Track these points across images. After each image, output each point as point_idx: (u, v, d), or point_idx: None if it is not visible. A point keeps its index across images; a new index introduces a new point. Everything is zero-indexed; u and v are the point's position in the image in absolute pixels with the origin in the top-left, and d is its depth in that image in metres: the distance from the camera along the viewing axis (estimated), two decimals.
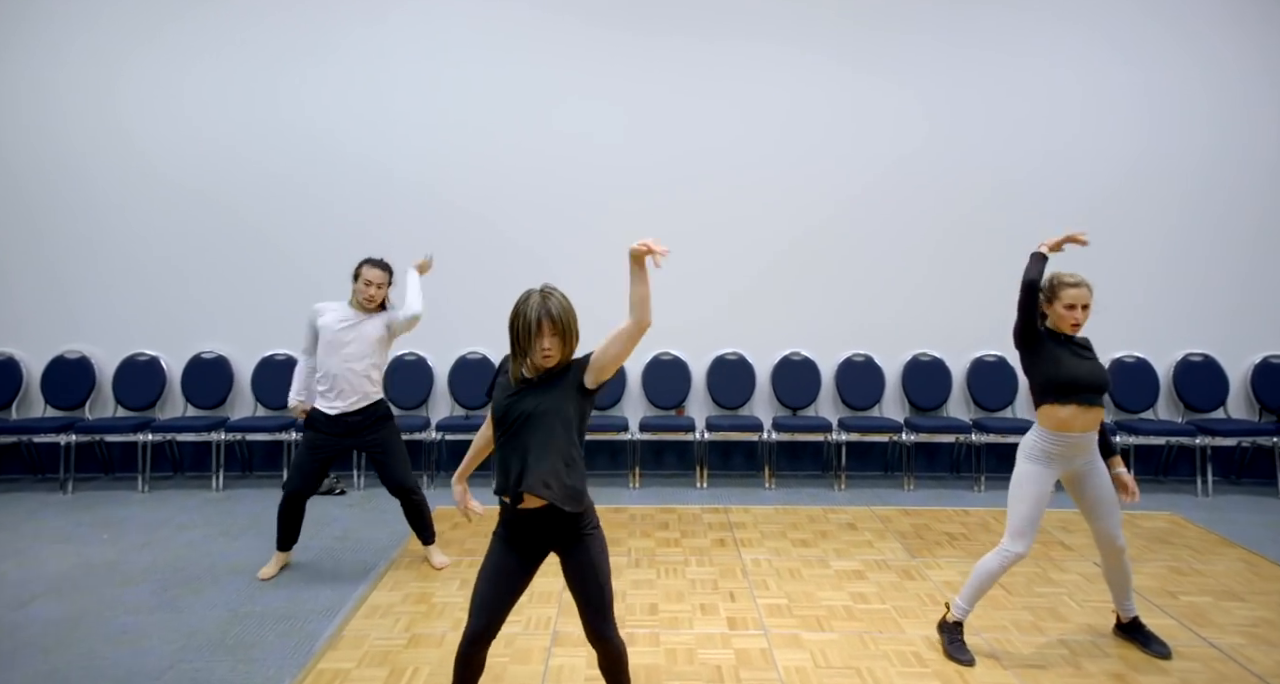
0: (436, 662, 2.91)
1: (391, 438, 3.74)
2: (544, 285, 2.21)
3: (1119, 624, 3.17)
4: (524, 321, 2.15)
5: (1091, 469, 2.93)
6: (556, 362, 2.18)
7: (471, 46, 5.58)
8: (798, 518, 4.74)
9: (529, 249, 5.63)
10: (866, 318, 5.72)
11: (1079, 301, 2.87)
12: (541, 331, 2.14)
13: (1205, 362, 5.60)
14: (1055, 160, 5.65)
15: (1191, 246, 5.63)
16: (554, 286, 2.21)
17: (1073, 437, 2.86)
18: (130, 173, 5.57)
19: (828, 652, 3.04)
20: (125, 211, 5.59)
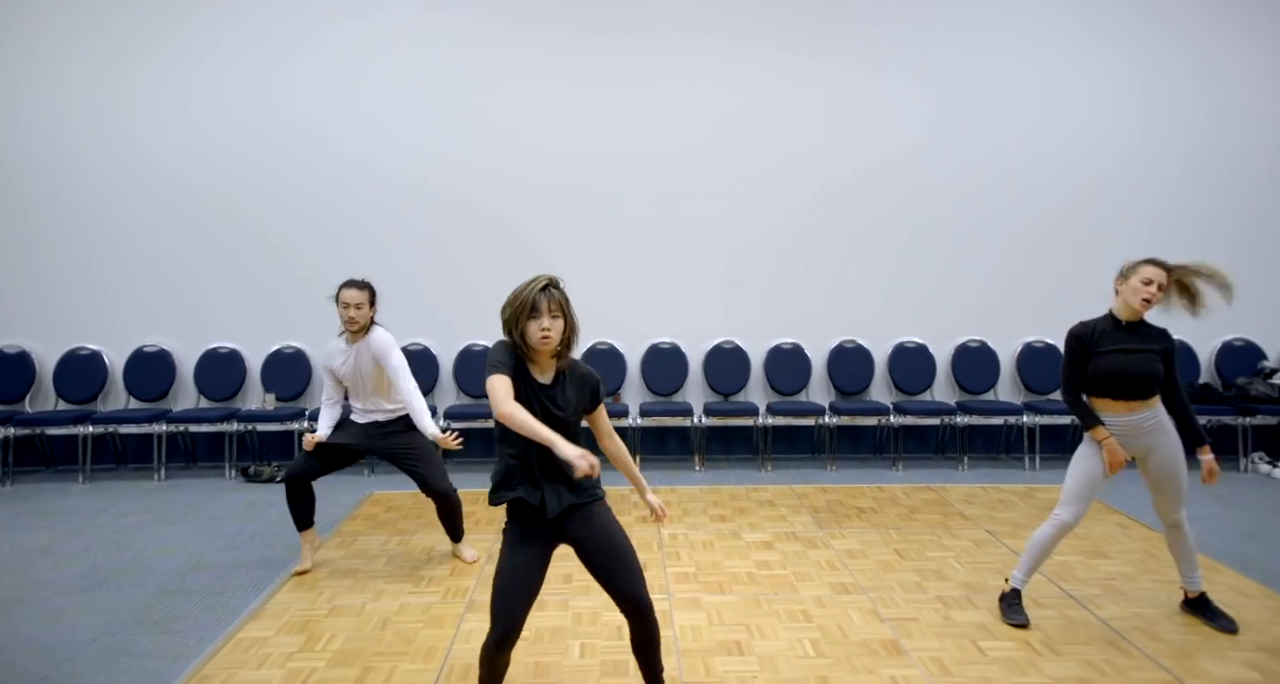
0: (353, 629, 3.09)
1: (422, 442, 3.64)
2: (549, 275, 2.19)
3: (1186, 600, 3.19)
4: (522, 300, 2.12)
5: (1153, 450, 3.00)
6: (554, 347, 2.16)
7: (463, 43, 5.72)
8: (720, 496, 4.98)
9: (528, 240, 5.81)
10: (851, 306, 5.98)
11: (1157, 279, 2.91)
12: (540, 311, 2.12)
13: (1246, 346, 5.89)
14: (1045, 151, 5.90)
15: (1184, 236, 5.88)
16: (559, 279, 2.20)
17: (1119, 418, 2.99)
18: (123, 168, 5.65)
19: (723, 612, 3.28)
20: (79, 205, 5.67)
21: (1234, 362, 5.86)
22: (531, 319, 2.14)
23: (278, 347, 5.77)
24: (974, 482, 5.30)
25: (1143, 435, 3.03)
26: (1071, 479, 3.08)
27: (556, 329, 2.16)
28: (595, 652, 2.92)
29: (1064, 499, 3.09)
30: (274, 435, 5.72)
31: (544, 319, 2.14)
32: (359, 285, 3.55)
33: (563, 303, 2.18)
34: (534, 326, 2.14)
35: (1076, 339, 3.05)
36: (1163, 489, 3.06)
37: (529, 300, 2.13)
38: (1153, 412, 3.02)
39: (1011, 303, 5.95)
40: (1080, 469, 3.06)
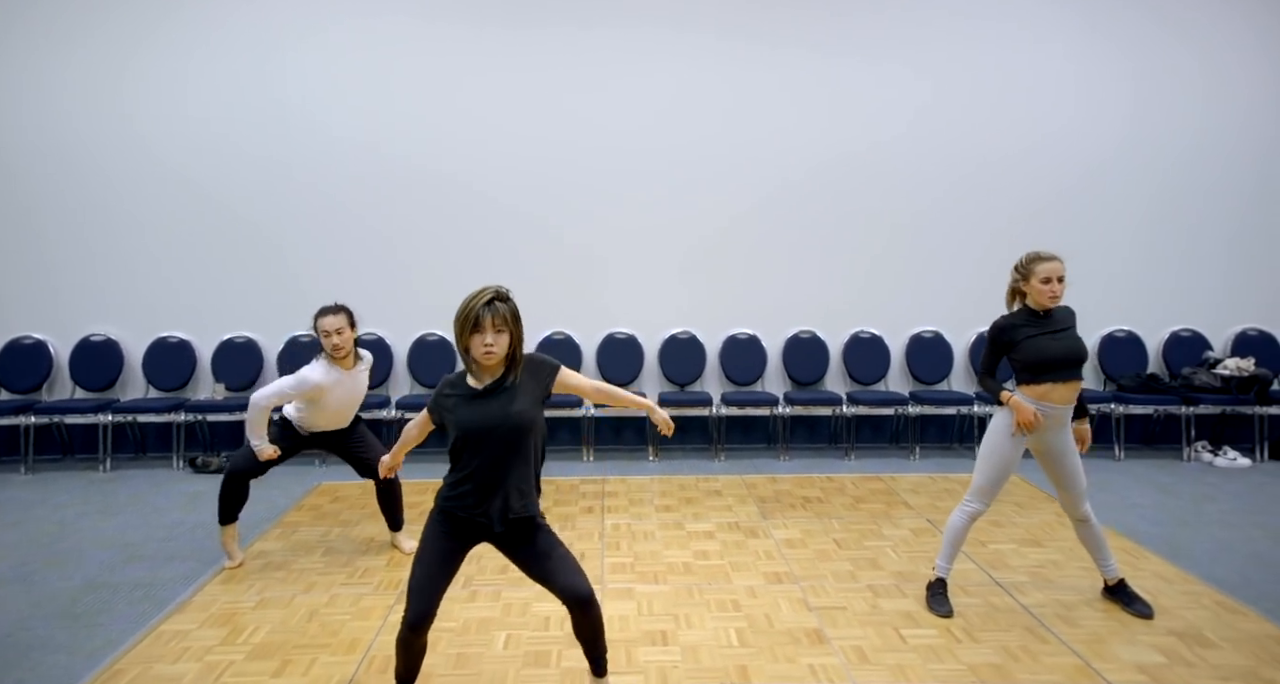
0: (279, 621, 3.08)
1: (366, 431, 3.75)
2: (498, 286, 2.21)
3: (1106, 587, 3.25)
4: (466, 314, 2.14)
5: (1064, 445, 3.06)
6: (497, 361, 2.18)
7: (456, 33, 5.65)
8: (670, 486, 5.00)
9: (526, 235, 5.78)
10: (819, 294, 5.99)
11: (1054, 274, 2.99)
12: (483, 327, 2.13)
13: (1193, 337, 5.93)
14: (1035, 140, 5.88)
15: (1174, 226, 5.92)
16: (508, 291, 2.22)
17: (1050, 408, 3.01)
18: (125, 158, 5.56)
19: (654, 602, 3.30)
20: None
21: (1181, 352, 5.93)
22: (475, 333, 2.16)
23: (229, 336, 5.71)
24: (924, 471, 5.34)
25: (1059, 424, 3.07)
26: (982, 464, 3.15)
27: (500, 344, 2.17)
28: (520, 643, 2.93)
29: (975, 486, 3.16)
30: (224, 426, 5.67)
31: (487, 334, 2.15)
32: (334, 310, 3.44)
33: (508, 317, 2.18)
34: (477, 341, 2.16)
35: (1000, 330, 3.14)
36: (1068, 484, 3.11)
37: (473, 315, 2.15)
38: (1069, 408, 3.08)
39: (966, 294, 5.99)
40: (990, 455, 3.13)
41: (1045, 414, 3.05)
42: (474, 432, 2.22)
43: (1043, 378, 3.03)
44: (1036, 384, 3.05)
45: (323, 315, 3.44)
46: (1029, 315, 3.09)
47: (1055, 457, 3.10)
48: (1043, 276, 3.03)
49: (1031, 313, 3.10)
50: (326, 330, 3.42)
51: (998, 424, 3.15)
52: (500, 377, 2.26)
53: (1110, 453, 5.70)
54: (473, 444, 2.23)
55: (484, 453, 2.23)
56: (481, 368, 2.24)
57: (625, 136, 5.85)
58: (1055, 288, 3.02)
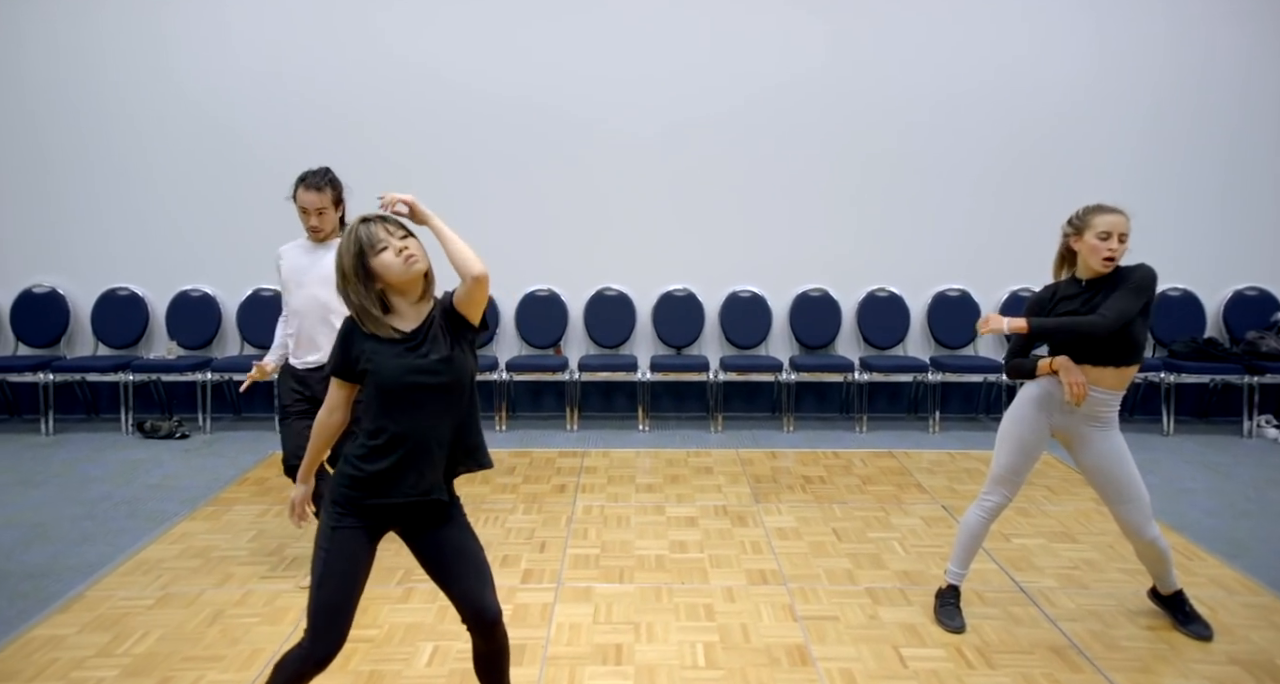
0: (174, 625, 2.66)
1: None
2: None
3: (1156, 593, 2.71)
4: (354, 243, 1.71)
5: (1108, 446, 2.49)
6: (421, 272, 1.74)
7: None
8: (657, 461, 4.51)
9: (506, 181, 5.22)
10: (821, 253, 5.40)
11: (1115, 229, 2.41)
12: (380, 237, 1.71)
13: (1261, 296, 5.28)
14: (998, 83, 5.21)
15: (1235, 168, 5.23)
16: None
17: (1093, 391, 2.45)
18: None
19: (614, 606, 2.83)
20: None
21: (1244, 314, 5.25)
22: (380, 252, 1.72)
23: (184, 289, 5.26)
24: (943, 446, 4.80)
25: (1099, 424, 2.50)
26: (1001, 453, 2.61)
27: (415, 246, 1.75)
28: (447, 658, 2.48)
29: (994, 477, 2.63)
30: (180, 387, 5.26)
31: (393, 242, 1.73)
32: (317, 185, 2.71)
33: (399, 223, 1.78)
34: (388, 256, 1.72)
35: (1032, 306, 2.60)
36: (1115, 497, 2.50)
37: (364, 235, 1.73)
38: (1109, 395, 2.47)
39: (995, 248, 5.34)
40: (1010, 441, 2.59)
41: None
42: (400, 388, 1.73)
43: (1082, 361, 2.46)
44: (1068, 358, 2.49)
45: (303, 190, 2.71)
46: (1074, 285, 2.50)
47: (1094, 460, 2.51)
48: (1100, 231, 2.42)
49: (1077, 282, 2.51)
50: (304, 208, 2.74)
51: (1022, 397, 2.60)
52: (426, 315, 1.78)
53: (1158, 427, 5.08)
54: (399, 404, 1.73)
55: (414, 415, 1.73)
56: (407, 288, 1.76)
57: (615, 68, 5.20)
58: (1113, 247, 2.42)
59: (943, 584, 2.77)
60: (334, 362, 1.79)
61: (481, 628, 1.83)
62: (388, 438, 1.73)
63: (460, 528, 1.86)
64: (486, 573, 1.85)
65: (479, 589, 1.81)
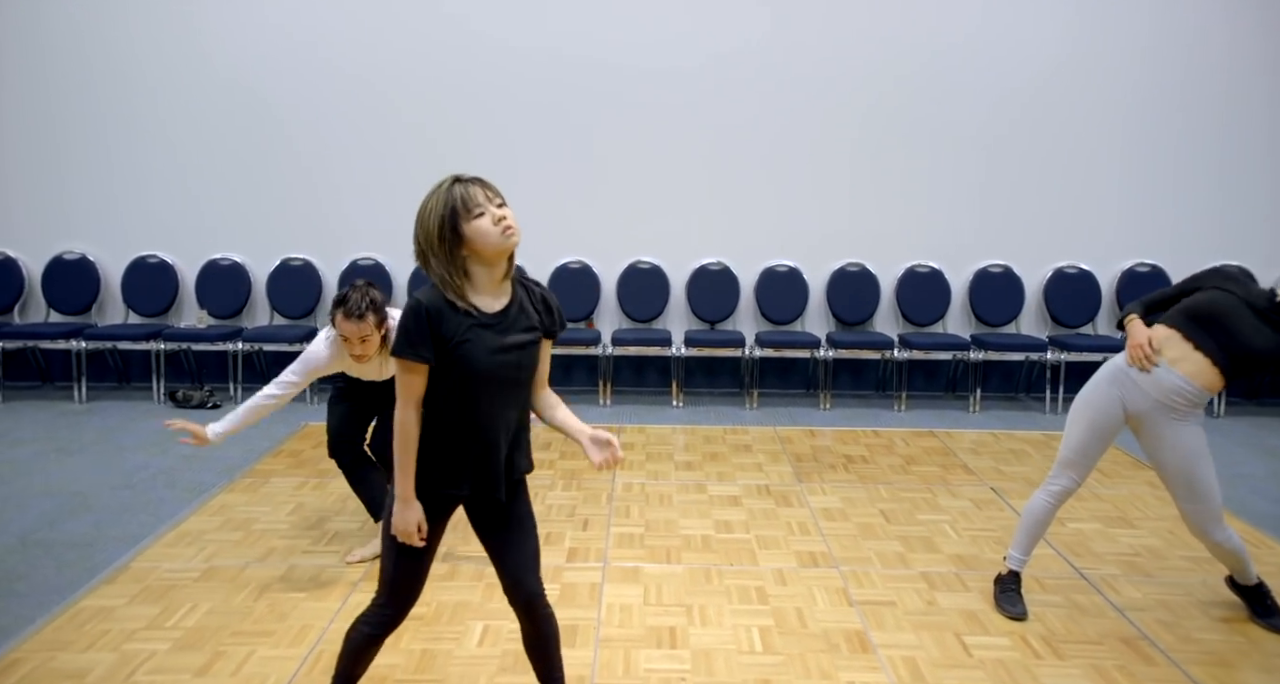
0: (221, 598, 2.62)
1: None
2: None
3: (1233, 581, 2.60)
4: (449, 201, 1.56)
5: (1166, 425, 2.35)
6: (520, 238, 1.61)
7: None
8: (694, 438, 4.44)
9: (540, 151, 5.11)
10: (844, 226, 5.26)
11: None
12: (479, 203, 1.55)
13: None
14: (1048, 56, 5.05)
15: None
16: None
17: (1167, 374, 2.33)
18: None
19: (663, 587, 2.77)
20: None
21: None
22: (477, 217, 1.56)
23: (214, 257, 5.19)
24: (985, 426, 4.70)
25: (1166, 412, 2.35)
26: (1070, 433, 2.50)
27: (512, 216, 1.60)
28: (499, 638, 2.43)
29: (1062, 459, 2.52)
30: (210, 356, 5.22)
31: (491, 208, 1.57)
32: (358, 314, 2.51)
33: (497, 189, 1.63)
34: (485, 223, 1.56)
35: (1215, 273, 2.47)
36: (1178, 494, 2.40)
37: (459, 196, 1.57)
38: (1192, 388, 2.32)
39: (1040, 224, 5.18)
40: (1080, 421, 2.47)
41: (1156, 379, 2.36)
42: (485, 374, 1.61)
43: (1190, 334, 2.33)
44: (1177, 334, 2.35)
45: (343, 318, 2.52)
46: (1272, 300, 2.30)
47: (1165, 452, 2.37)
48: None
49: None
50: (347, 337, 2.55)
51: (1096, 375, 2.49)
52: (512, 297, 1.66)
53: (1208, 408, 4.94)
54: (480, 392, 1.62)
55: (489, 404, 1.64)
56: (493, 264, 1.61)
57: (651, 35, 5.04)
58: None
59: (1002, 570, 2.69)
60: (418, 345, 1.57)
61: (519, 603, 1.78)
62: (459, 427, 1.64)
63: (520, 502, 1.79)
64: (532, 550, 1.79)
65: (522, 565, 1.77)
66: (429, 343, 1.58)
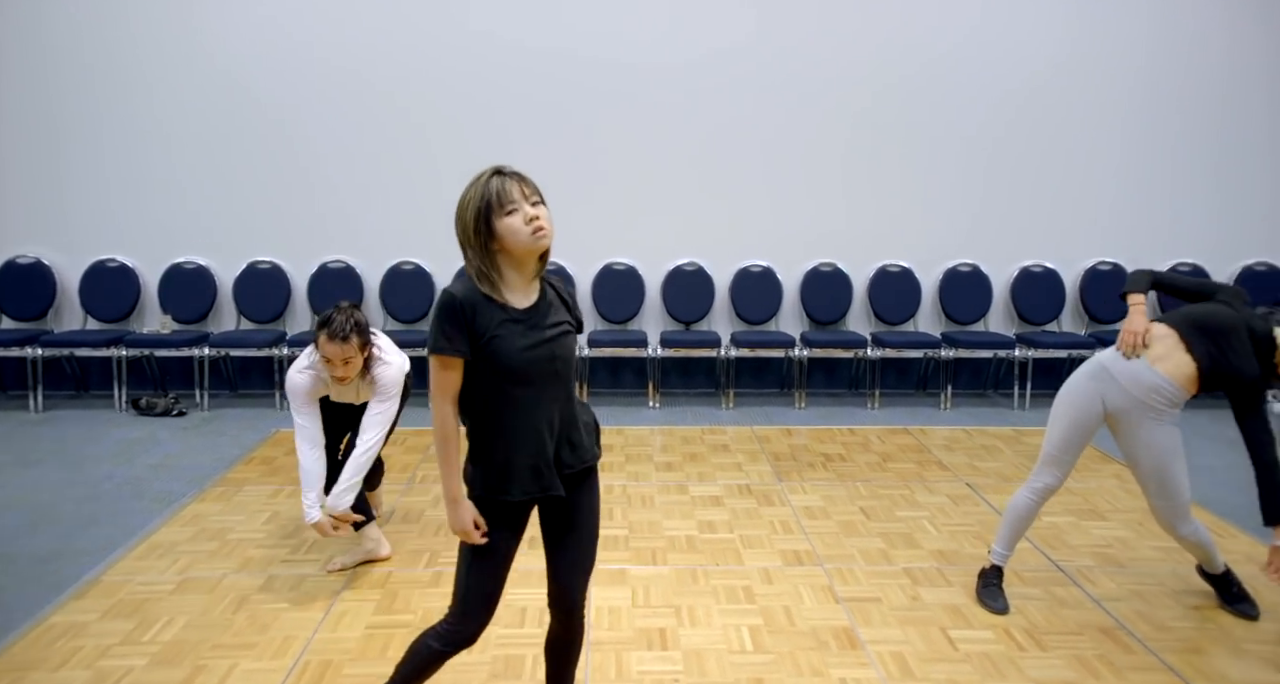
0: (199, 611, 2.55)
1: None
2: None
3: (1202, 570, 2.68)
4: (485, 195, 1.54)
5: (1142, 423, 2.40)
6: (548, 245, 1.59)
7: None
8: (672, 439, 4.44)
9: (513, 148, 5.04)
10: (830, 226, 5.29)
11: None
12: (515, 199, 1.54)
13: (1270, 271, 5.29)
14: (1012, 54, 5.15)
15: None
16: None
17: (1144, 369, 2.40)
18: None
19: (651, 588, 2.77)
20: None
21: (1256, 288, 5.25)
22: (508, 214, 1.55)
23: (177, 261, 5.05)
24: (957, 423, 4.78)
25: (1140, 386, 2.40)
26: (1053, 430, 2.55)
27: (546, 215, 1.59)
28: (487, 644, 2.40)
29: (1044, 457, 2.57)
30: (174, 362, 5.08)
31: (524, 207, 1.55)
32: (342, 336, 2.47)
33: (536, 186, 1.61)
34: (516, 221, 1.55)
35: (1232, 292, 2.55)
36: (1147, 491, 2.47)
37: (495, 191, 1.55)
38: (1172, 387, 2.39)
39: (1009, 223, 5.29)
40: (1062, 417, 2.52)
41: (1136, 376, 2.42)
42: (520, 369, 1.58)
43: (1187, 335, 2.40)
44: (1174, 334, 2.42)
45: (327, 339, 2.48)
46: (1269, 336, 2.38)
47: (1139, 449, 2.43)
48: None
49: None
50: (329, 358, 2.52)
51: (1077, 372, 2.55)
52: (540, 294, 1.65)
53: None
54: (516, 389, 1.59)
55: (529, 402, 1.61)
56: (524, 262, 1.60)
57: (624, 31, 5.03)
58: None
59: (985, 564, 2.74)
60: (454, 338, 1.54)
61: (560, 611, 1.78)
62: (499, 428, 1.61)
63: (584, 502, 1.74)
64: (588, 556, 1.77)
65: (572, 572, 1.75)
66: (464, 336, 1.56)
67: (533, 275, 1.64)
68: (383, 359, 2.68)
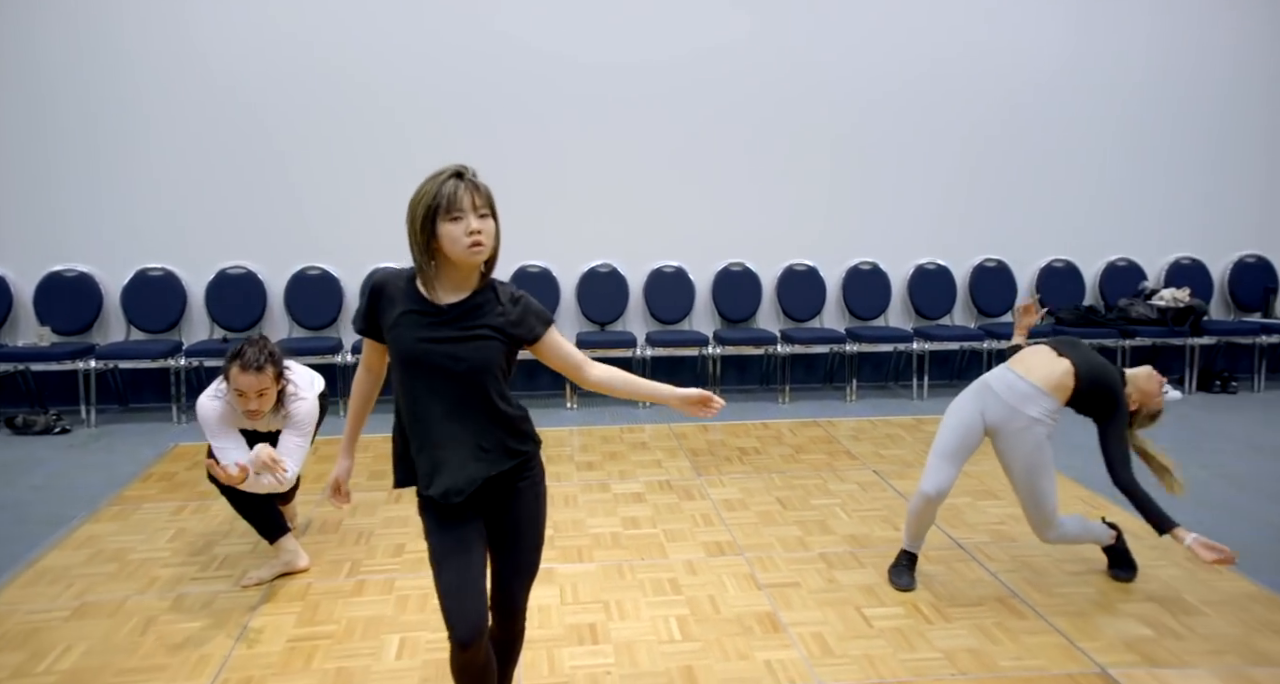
0: (100, 636, 2.41)
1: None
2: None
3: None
4: (435, 195, 1.55)
5: (1014, 434, 2.61)
6: (482, 259, 1.59)
7: None
8: (591, 439, 4.48)
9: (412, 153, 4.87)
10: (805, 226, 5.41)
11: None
12: (462, 208, 1.54)
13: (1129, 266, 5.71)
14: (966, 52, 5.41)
15: (1110, 154, 5.57)
16: None
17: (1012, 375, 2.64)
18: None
19: (579, 585, 2.80)
20: None
21: (1118, 283, 5.75)
22: (452, 221, 1.56)
23: (56, 269, 4.72)
24: (862, 414, 5.01)
25: (1015, 397, 2.62)
26: (940, 439, 2.72)
27: (488, 232, 1.59)
28: (417, 649, 2.38)
29: (931, 459, 2.72)
30: (53, 377, 4.73)
31: (470, 218, 1.56)
32: (256, 366, 2.38)
33: (490, 197, 1.61)
34: (456, 230, 1.56)
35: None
36: (1022, 499, 2.68)
37: (447, 194, 1.56)
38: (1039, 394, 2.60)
39: (906, 223, 5.59)
40: (946, 429, 2.72)
41: (1011, 386, 2.64)
42: (413, 362, 1.62)
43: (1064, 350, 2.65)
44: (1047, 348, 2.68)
45: (239, 370, 2.38)
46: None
47: (1008, 460, 2.65)
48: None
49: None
50: (242, 391, 2.41)
51: (966, 390, 2.76)
52: (471, 294, 1.64)
53: None
54: (415, 382, 1.63)
55: (429, 399, 1.62)
56: (458, 269, 1.61)
57: (528, 40, 5.05)
58: None
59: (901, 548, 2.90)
60: (360, 316, 1.71)
61: (502, 615, 1.79)
62: (410, 419, 1.66)
63: (519, 510, 1.73)
64: (530, 562, 1.78)
65: (513, 577, 1.77)
66: (370, 317, 1.69)
67: (470, 278, 1.65)
68: (298, 394, 2.59)
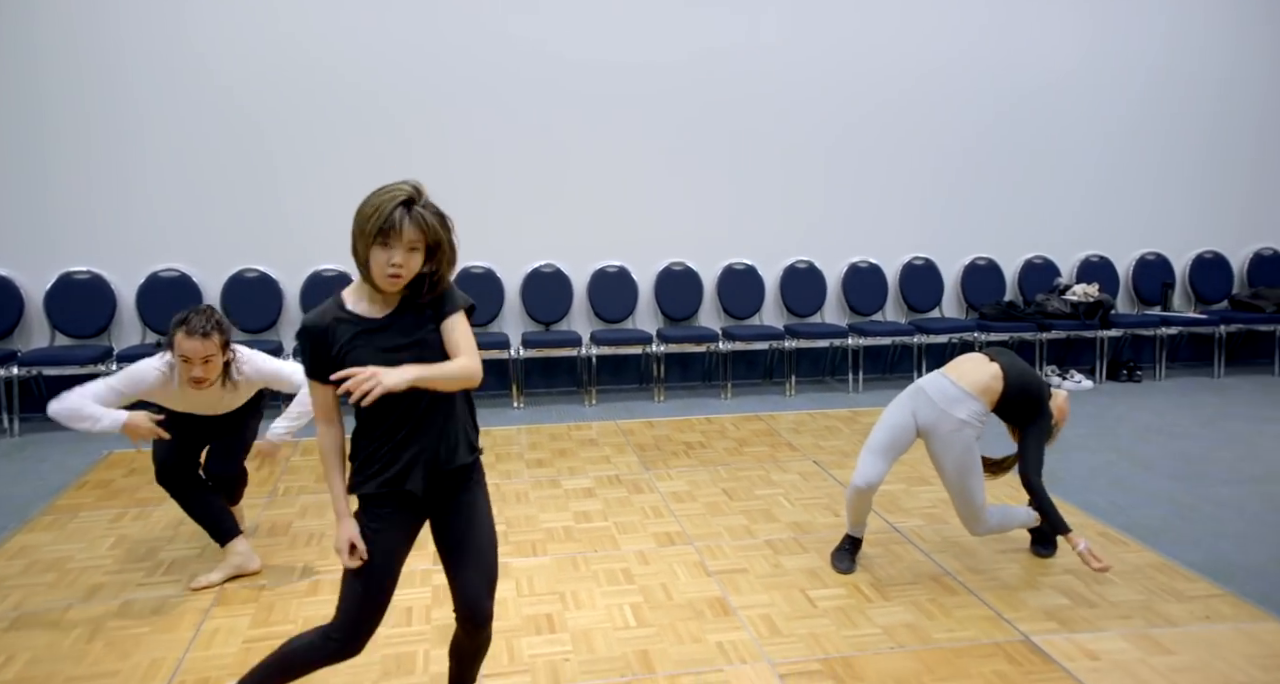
0: (43, 646, 2.36)
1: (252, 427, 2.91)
2: (415, 182, 1.62)
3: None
4: (373, 219, 1.56)
5: (944, 437, 2.74)
6: (396, 289, 1.63)
7: None
8: (539, 437, 4.53)
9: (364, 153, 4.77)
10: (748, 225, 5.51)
11: None
12: (390, 239, 1.56)
13: (1045, 264, 6.00)
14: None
15: (1027, 157, 5.85)
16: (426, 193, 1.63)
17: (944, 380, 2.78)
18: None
19: (534, 578, 2.86)
20: None
21: (1035, 279, 6.09)
22: (381, 246, 1.58)
23: None
24: (801, 407, 5.20)
25: (945, 399, 2.77)
26: (875, 435, 2.86)
27: (410, 267, 1.61)
28: (375, 644, 2.40)
29: (864, 453, 2.85)
30: None
31: (396, 252, 1.57)
32: (202, 331, 2.37)
33: (426, 229, 1.60)
34: (382, 258, 1.58)
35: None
36: (951, 496, 2.84)
37: (384, 218, 1.56)
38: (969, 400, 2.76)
39: (837, 222, 5.81)
40: (880, 427, 2.85)
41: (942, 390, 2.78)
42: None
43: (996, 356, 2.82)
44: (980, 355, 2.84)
45: (185, 335, 2.36)
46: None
47: (938, 461, 2.80)
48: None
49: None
50: (187, 356, 2.38)
51: (902, 393, 2.91)
52: (399, 303, 1.68)
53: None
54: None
55: (396, 397, 1.63)
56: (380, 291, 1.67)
57: (528, 39, 5.07)
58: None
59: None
60: (310, 363, 1.66)
61: (471, 624, 1.78)
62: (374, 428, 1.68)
63: (469, 513, 1.77)
64: (491, 567, 1.78)
65: (480, 582, 1.76)
66: (315, 359, 1.66)
67: (396, 296, 1.69)
68: (251, 361, 2.61)
